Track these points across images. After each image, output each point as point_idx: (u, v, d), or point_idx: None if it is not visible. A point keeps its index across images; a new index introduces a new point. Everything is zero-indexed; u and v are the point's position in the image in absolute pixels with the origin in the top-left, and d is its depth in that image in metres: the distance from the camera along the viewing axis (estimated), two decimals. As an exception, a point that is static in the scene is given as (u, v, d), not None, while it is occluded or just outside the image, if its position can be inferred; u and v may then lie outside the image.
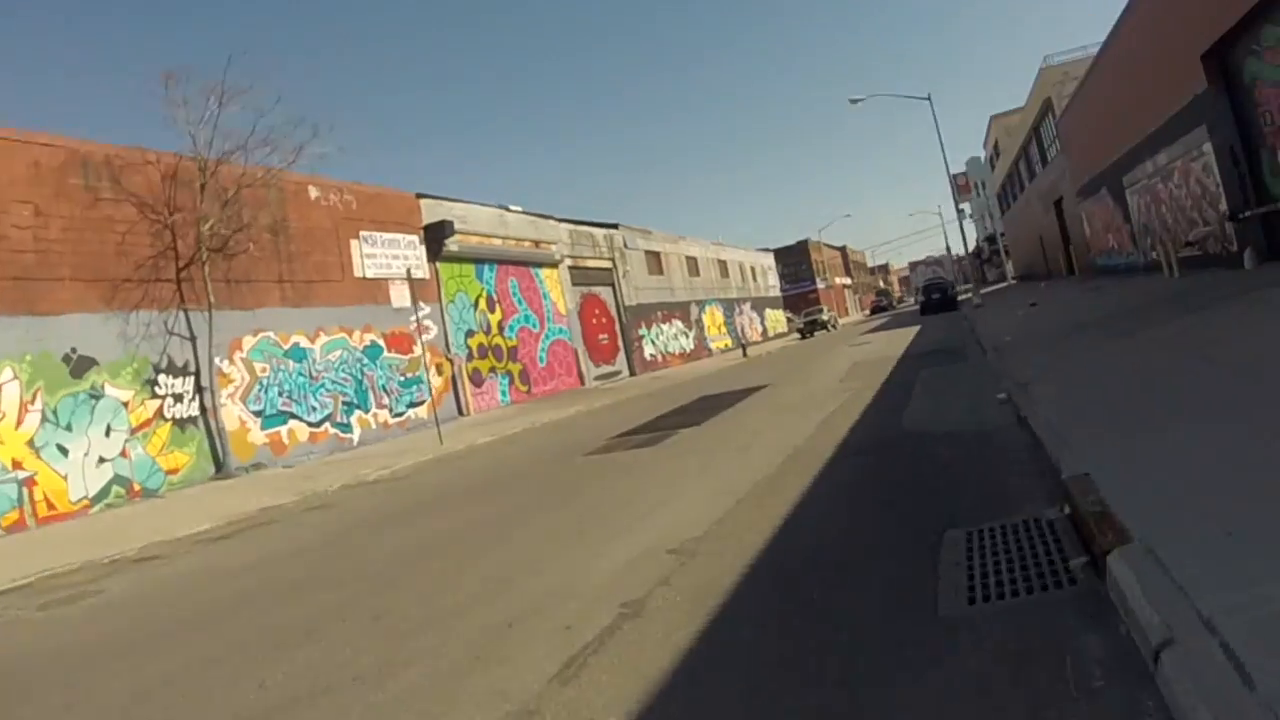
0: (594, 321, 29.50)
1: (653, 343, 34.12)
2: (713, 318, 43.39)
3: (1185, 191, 17.02)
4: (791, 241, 73.70)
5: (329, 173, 16.93)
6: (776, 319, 58.56)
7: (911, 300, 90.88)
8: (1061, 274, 34.73)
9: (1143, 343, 8.30)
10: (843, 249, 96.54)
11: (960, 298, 38.21)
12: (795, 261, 71.48)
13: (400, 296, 19.27)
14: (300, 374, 16.49)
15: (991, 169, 57.05)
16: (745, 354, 32.70)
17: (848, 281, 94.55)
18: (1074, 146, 27.26)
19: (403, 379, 19.07)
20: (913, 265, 54.97)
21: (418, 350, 19.61)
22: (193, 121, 13.35)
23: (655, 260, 36.76)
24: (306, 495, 10.74)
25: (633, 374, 31.24)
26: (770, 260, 61.19)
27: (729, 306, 46.89)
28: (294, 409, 16.24)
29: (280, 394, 15.99)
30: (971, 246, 74.78)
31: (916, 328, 23.66)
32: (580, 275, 29.00)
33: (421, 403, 19.57)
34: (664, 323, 35.92)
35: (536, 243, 25.99)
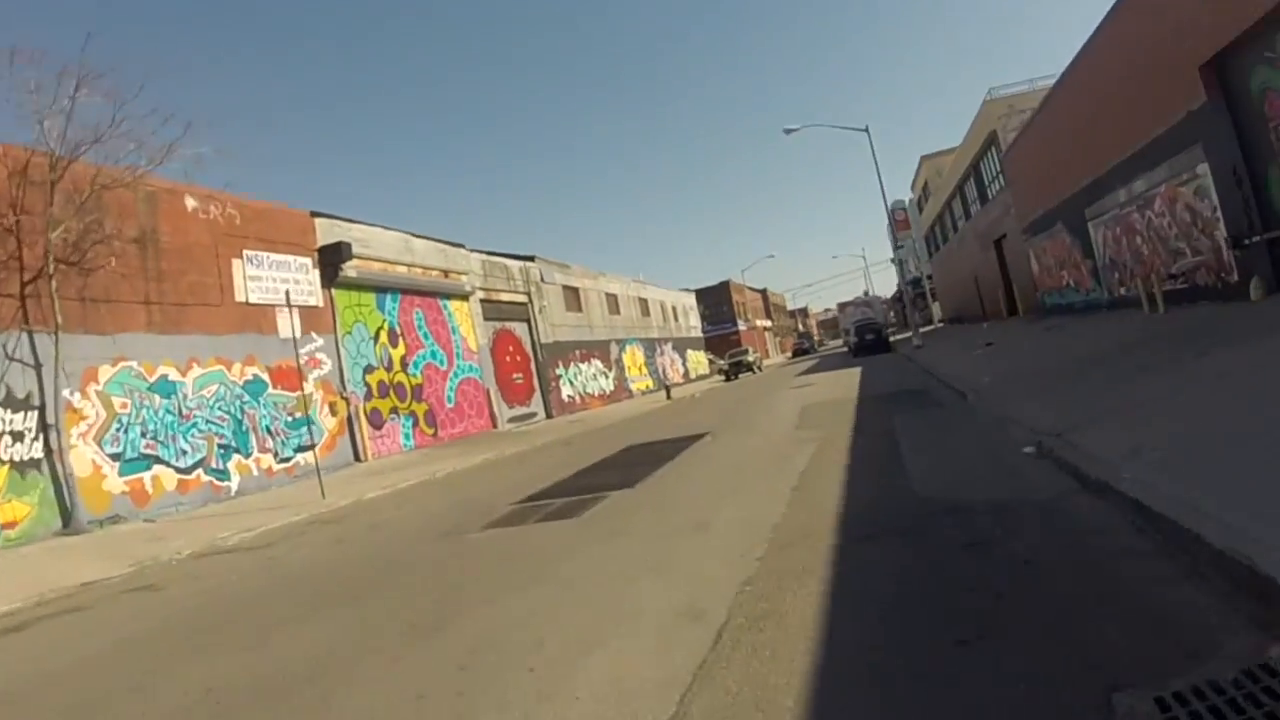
0: (508, 359, 28.43)
1: (571, 383, 33.22)
2: (633, 358, 42.89)
3: (1169, 220, 16.41)
4: (713, 282, 74.68)
5: (207, 181, 15.51)
6: (698, 360, 58.65)
7: (838, 342, 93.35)
8: (1001, 315, 34.88)
9: (1201, 375, 7.04)
10: (763, 291, 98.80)
11: (892, 340, 38.87)
12: (717, 302, 72.31)
13: (289, 325, 17.83)
14: (168, 411, 14.83)
15: (919, 211, 59.09)
16: (669, 396, 32.19)
17: (768, 324, 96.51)
18: (1021, 182, 27.23)
19: (290, 419, 17.53)
20: (841, 306, 55.97)
21: (308, 387, 18.14)
22: (43, 109, 11.85)
23: (574, 296, 36.08)
24: (143, 566, 8.98)
25: (549, 416, 30.20)
26: (692, 300, 61.57)
27: (650, 346, 46.56)
28: (160, 452, 14.54)
29: (143, 434, 14.30)
30: (892, 291, 77.09)
31: (857, 369, 23.27)
32: (493, 309, 27.97)
33: (312, 446, 18.02)
34: (583, 362, 35.11)
35: (446, 272, 24.90)
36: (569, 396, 32.68)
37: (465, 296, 25.83)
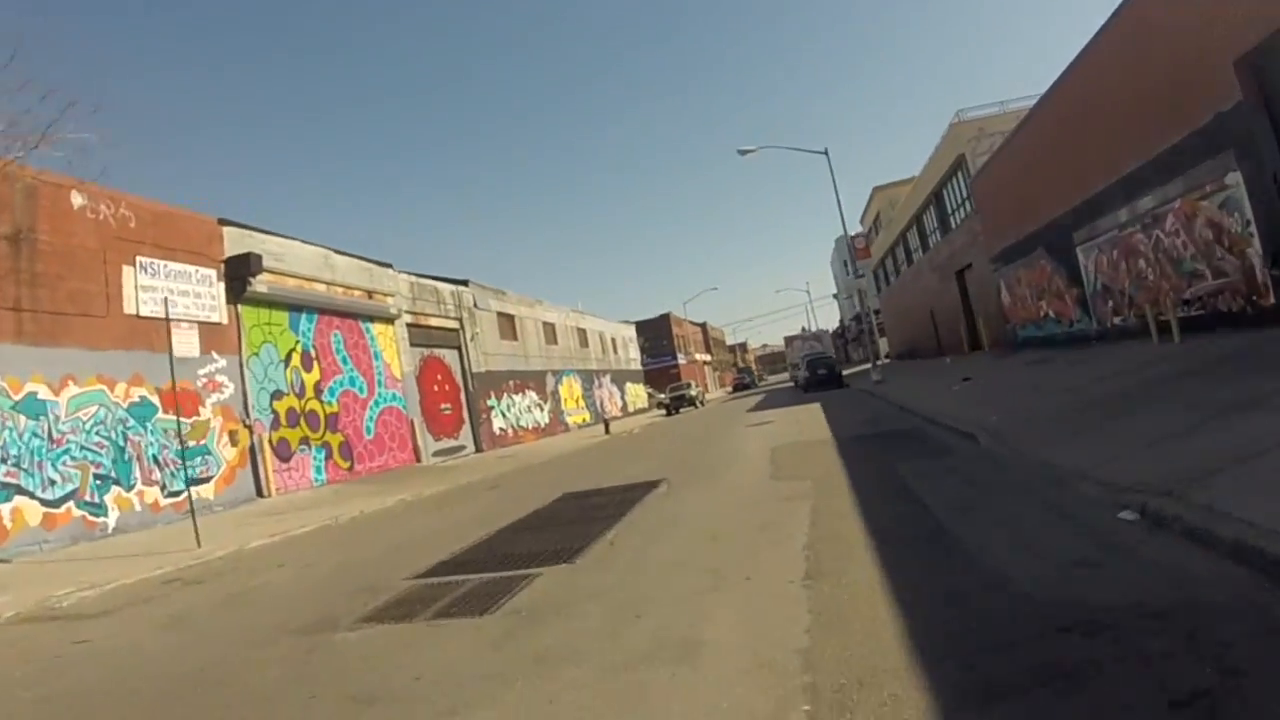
0: (435, 389, 27.19)
1: (503, 415, 32.08)
2: (570, 390, 41.97)
3: (1184, 239, 15.27)
4: (653, 314, 74.51)
5: (103, 180, 14.12)
6: (637, 393, 58.04)
7: (780, 377, 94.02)
8: (962, 350, 34.49)
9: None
10: (703, 325, 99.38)
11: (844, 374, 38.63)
12: (656, 335, 72.08)
13: (186, 343, 16.43)
14: (35, 434, 13.30)
15: (849, 255, 59.95)
16: (608, 430, 31.31)
17: (707, 358, 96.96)
18: (992, 208, 26.60)
19: (183, 448, 16.03)
20: (788, 340, 56.00)
21: (206, 412, 16.73)
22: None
23: (509, 324, 35.08)
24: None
25: (479, 450, 28.98)
26: (631, 332, 61.12)
27: (588, 378, 45.75)
28: (22, 481, 12.98)
29: (3, 460, 12.73)
30: (835, 326, 78.11)
31: (815, 406, 22.64)
32: (421, 335, 26.78)
33: (207, 479, 16.56)
34: (516, 393, 34.02)
35: (370, 293, 23.69)
36: (501, 429, 31.51)
37: (390, 320, 24.62)
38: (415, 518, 12.44)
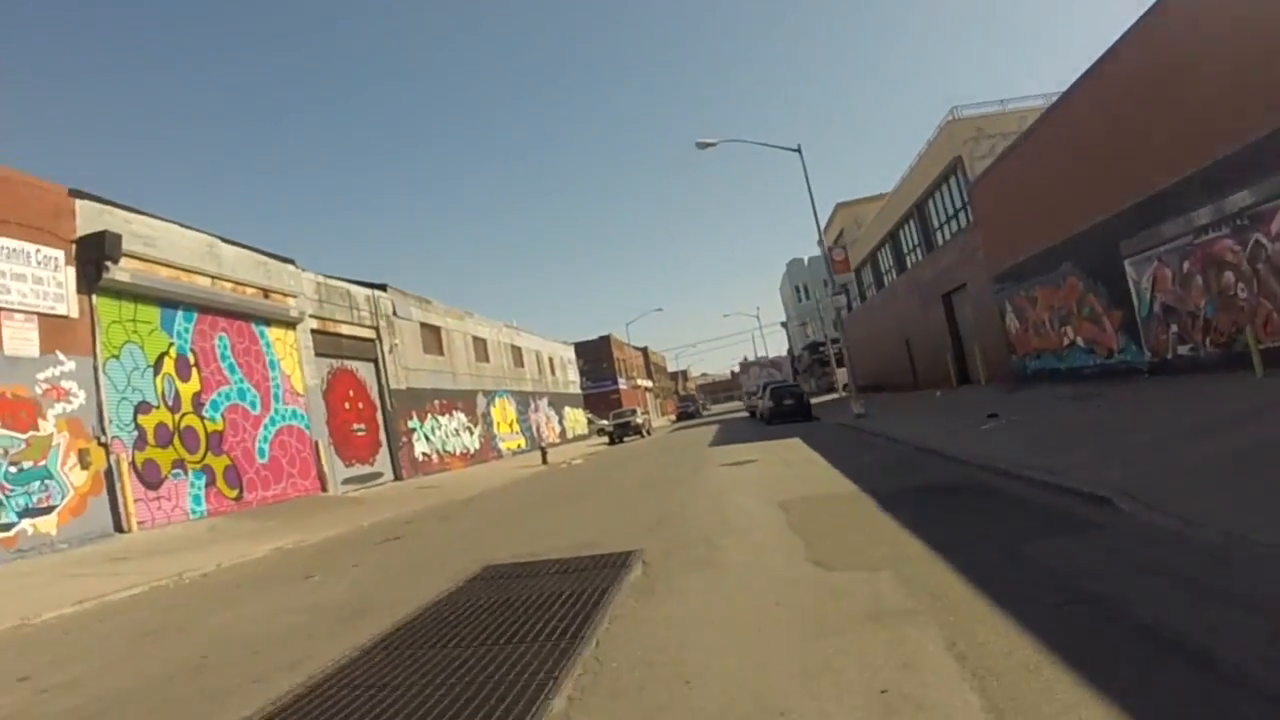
0: (346, 406, 24.48)
1: (427, 438, 29.40)
2: (504, 412, 39.46)
3: None
4: (592, 336, 72.54)
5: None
6: (576, 419, 55.78)
7: (727, 407, 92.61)
8: (949, 383, 31.31)
9: None
10: (644, 350, 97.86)
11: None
12: (597, 358, 70.11)
13: (22, 339, 13.64)
14: None
15: (826, 267, 58.78)
16: (545, 459, 28.93)
17: (649, 384, 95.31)
18: (996, 219, 24.10)
19: (14, 470, 13.20)
20: (744, 366, 54.60)
21: (47, 426, 13.90)
22: None
23: (434, 337, 32.51)
24: None
25: (398, 478, 26.27)
26: (570, 353, 58.98)
27: (524, 401, 43.32)
28: None
29: None
30: (784, 355, 77.24)
31: (794, 440, 20.35)
32: (330, 344, 24.12)
33: (48, 509, 13.70)
34: (443, 414, 31.40)
35: (266, 291, 21.01)
36: (424, 454, 28.82)
37: (291, 324, 21.93)
38: (267, 591, 9.01)
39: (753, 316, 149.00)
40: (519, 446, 40.37)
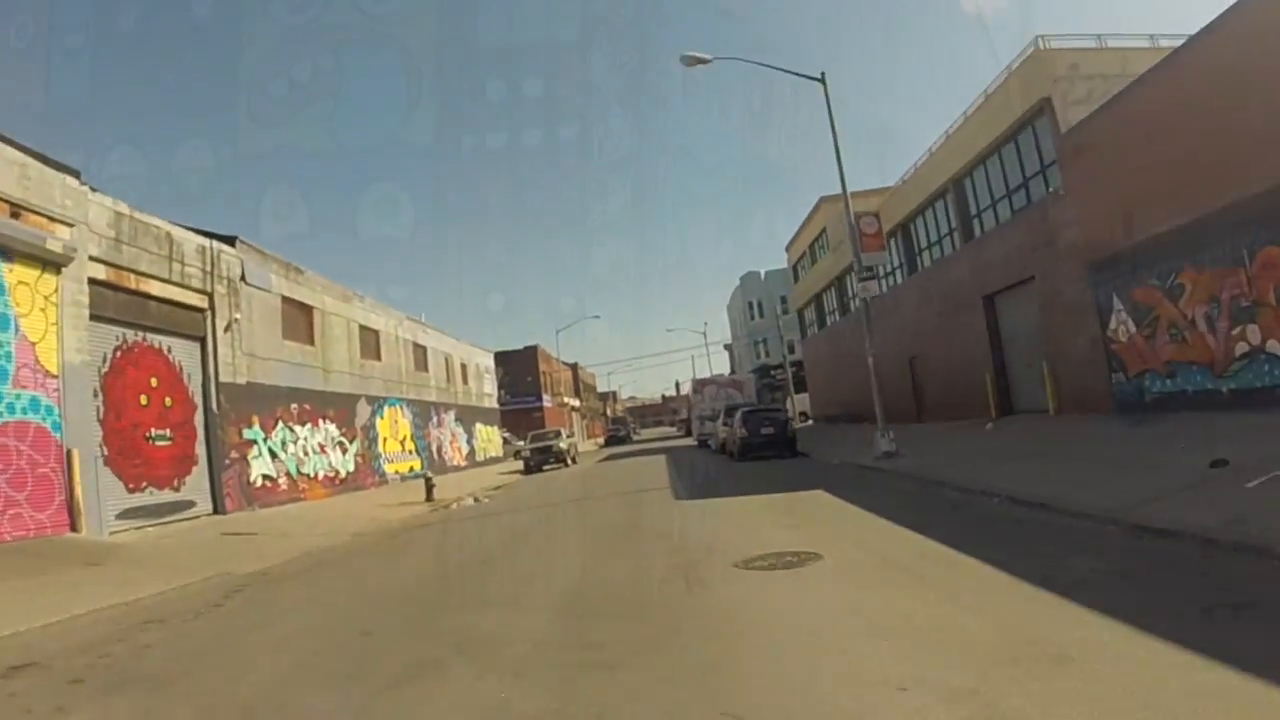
0: (143, 401, 17.25)
1: (274, 454, 22.07)
2: (396, 426, 32.22)
3: None
4: (517, 345, 65.70)
5: None
6: (490, 438, 48.79)
7: (659, 432, 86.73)
8: (988, 412, 24.79)
9: None
10: (574, 366, 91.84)
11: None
12: (520, 371, 63.22)
13: None
14: None
15: (795, 277, 53.33)
16: (430, 495, 21.87)
17: (576, 403, 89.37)
18: (1106, 182, 18.11)
19: None
20: (699, 384, 48.18)
21: None
22: None
23: (303, 318, 25.25)
24: None
25: (219, 510, 19.06)
26: (490, 361, 52.15)
27: (423, 413, 36.15)
28: None
29: None
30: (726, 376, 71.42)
31: (823, 495, 13.96)
32: (126, 306, 16.93)
33: None
34: (304, 423, 24.11)
35: (16, 207, 13.82)
36: (266, 478, 21.43)
37: (53, 263, 14.63)
38: None
39: (698, 333, 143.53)
40: (413, 469, 33.07)
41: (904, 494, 13.48)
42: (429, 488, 22.08)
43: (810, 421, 50.71)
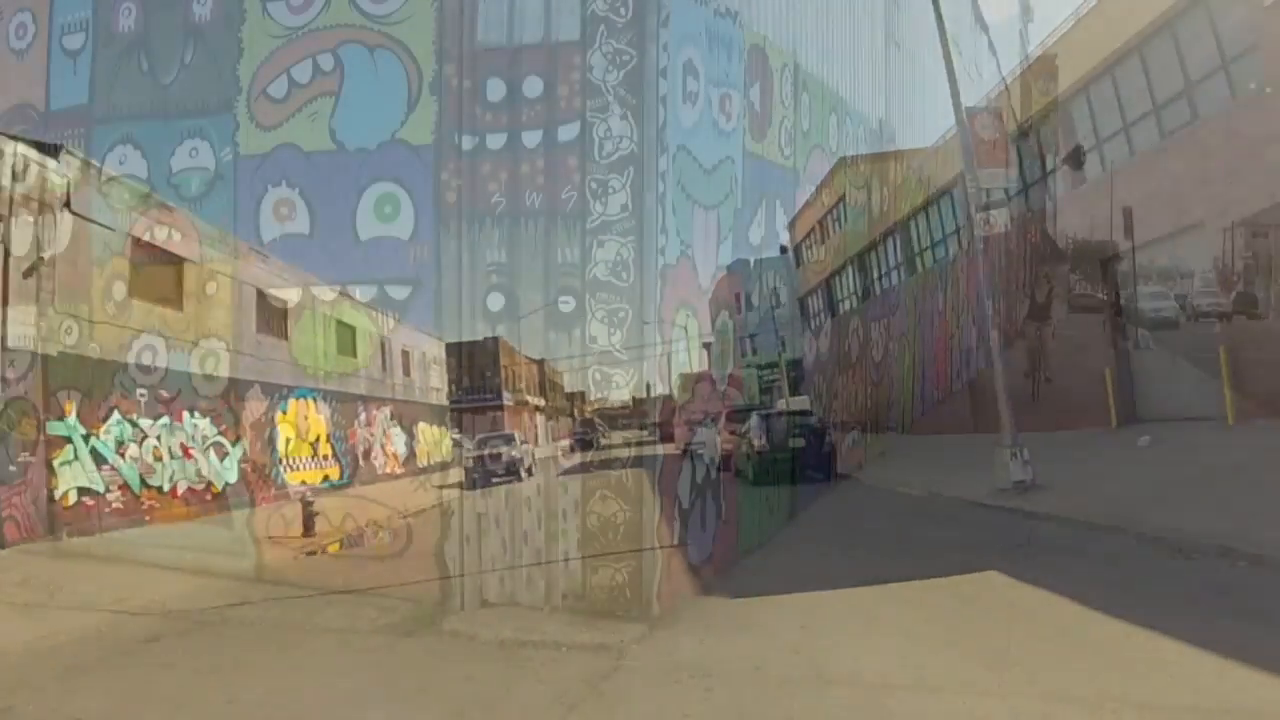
0: None
1: (101, 458, 16.03)
2: (304, 421, 26.13)
3: None
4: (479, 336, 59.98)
5: None
6: (434, 439, 42.77)
7: (627, 436, 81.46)
8: (1100, 421, 18.91)
9: None
10: (541, 362, 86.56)
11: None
12: (480, 364, 57.30)
13: None
14: None
15: (797, 261, 48.51)
16: (310, 528, 15.96)
17: (540, 403, 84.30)
18: None
19: None
20: (687, 382, 42.53)
21: None
22: None
23: (167, 271, 19.22)
24: None
25: (-11, 540, 12.96)
26: (440, 350, 46.05)
27: (347, 408, 29.96)
28: None
29: None
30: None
31: (982, 575, 8.03)
32: None
33: None
34: (155, 416, 18.01)
35: None
36: (86, 492, 15.39)
37: None
38: None
39: (679, 326, 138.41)
40: (328, 478, 27.12)
41: (1131, 569, 7.88)
42: (308, 516, 15.95)
43: None
